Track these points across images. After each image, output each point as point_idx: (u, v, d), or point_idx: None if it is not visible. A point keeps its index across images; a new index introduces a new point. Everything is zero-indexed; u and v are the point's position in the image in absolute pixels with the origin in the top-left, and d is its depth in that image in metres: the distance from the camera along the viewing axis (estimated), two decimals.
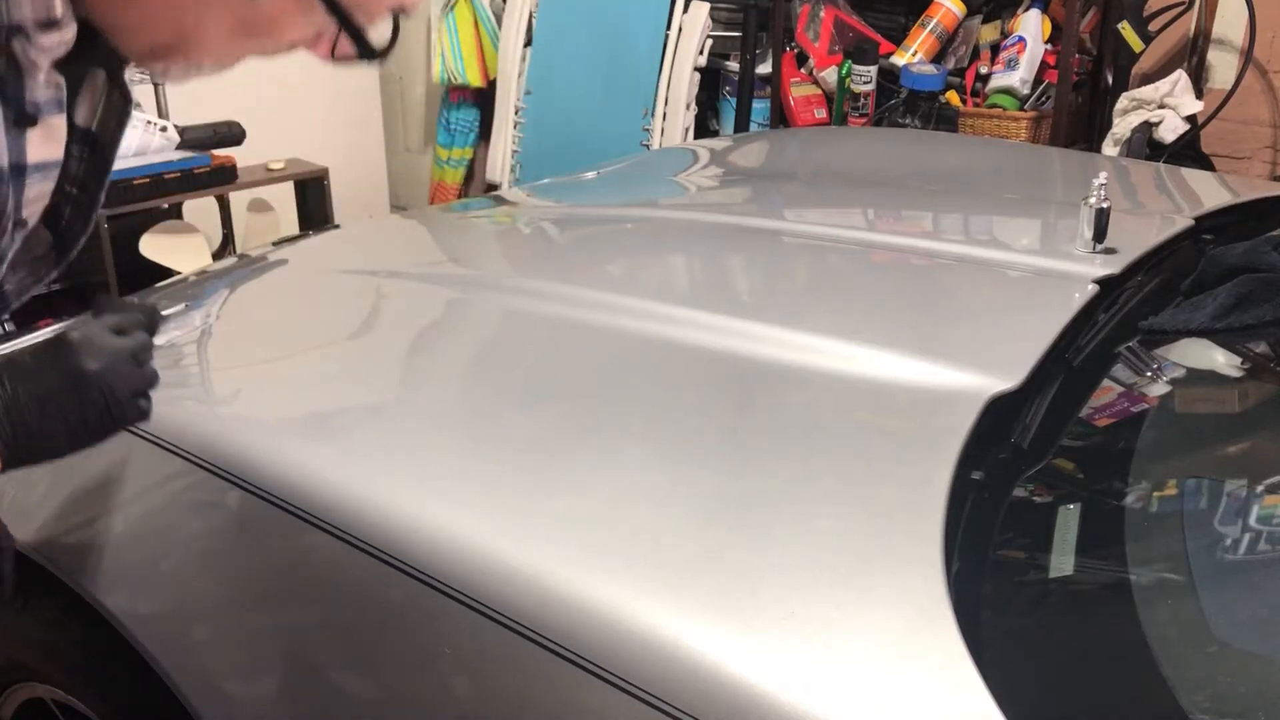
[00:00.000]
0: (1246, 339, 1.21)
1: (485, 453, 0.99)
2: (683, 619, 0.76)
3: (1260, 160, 2.94)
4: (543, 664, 0.78)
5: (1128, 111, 2.82)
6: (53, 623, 1.16)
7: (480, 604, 0.82)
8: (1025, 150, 2.45)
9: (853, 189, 1.83)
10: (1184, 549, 0.92)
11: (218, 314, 1.43)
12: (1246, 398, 1.22)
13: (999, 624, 0.79)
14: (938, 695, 0.69)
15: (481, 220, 1.92)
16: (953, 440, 0.92)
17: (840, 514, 0.86)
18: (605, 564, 0.83)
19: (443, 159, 3.98)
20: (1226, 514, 0.95)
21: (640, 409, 1.04)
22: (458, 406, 1.10)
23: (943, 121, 3.03)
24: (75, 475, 1.17)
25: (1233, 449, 1.14)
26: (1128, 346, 1.17)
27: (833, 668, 0.72)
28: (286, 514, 0.95)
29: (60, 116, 0.75)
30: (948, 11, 3.08)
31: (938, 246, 1.44)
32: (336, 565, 0.91)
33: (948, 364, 1.05)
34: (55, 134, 0.76)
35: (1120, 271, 1.25)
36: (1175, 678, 0.75)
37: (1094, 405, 1.10)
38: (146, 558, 1.08)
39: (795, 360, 1.07)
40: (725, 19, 3.38)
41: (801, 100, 3.32)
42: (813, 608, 0.76)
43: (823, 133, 2.91)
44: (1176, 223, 1.44)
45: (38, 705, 1.25)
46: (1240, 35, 2.82)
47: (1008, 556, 0.90)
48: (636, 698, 0.73)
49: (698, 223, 1.67)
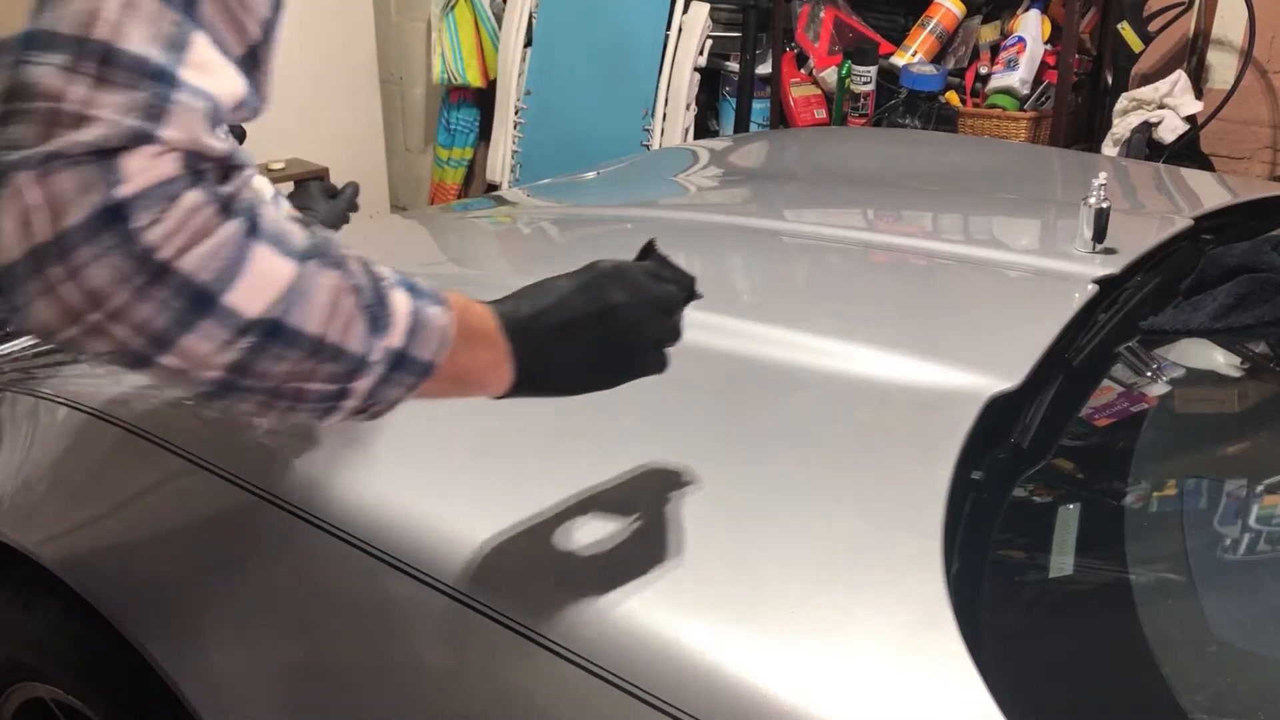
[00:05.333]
0: (1246, 339, 1.21)
1: (483, 453, 0.99)
2: (683, 619, 0.76)
3: (1260, 160, 2.94)
4: (542, 664, 0.78)
5: (1127, 112, 2.83)
6: (53, 623, 1.16)
7: (480, 603, 0.82)
8: (1025, 150, 2.45)
9: (853, 189, 1.83)
10: (1184, 549, 0.92)
11: None
12: (1246, 398, 1.22)
13: (999, 624, 0.79)
14: (938, 695, 0.69)
15: (482, 220, 1.92)
16: (952, 440, 0.92)
17: (840, 514, 0.86)
18: (604, 564, 0.83)
19: (443, 159, 3.98)
20: (1226, 514, 0.95)
21: (639, 408, 1.04)
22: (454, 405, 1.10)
23: (942, 122, 3.03)
24: (76, 476, 1.17)
25: (1233, 449, 1.14)
26: (1128, 346, 1.17)
27: (832, 667, 0.72)
28: (287, 514, 0.95)
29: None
30: (947, 12, 3.08)
31: (937, 246, 1.44)
32: (340, 567, 0.91)
33: (948, 364, 1.05)
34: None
35: (1120, 271, 1.25)
36: (1175, 678, 0.75)
37: (1094, 405, 1.10)
38: (147, 558, 1.08)
39: (795, 360, 1.07)
40: (725, 19, 3.38)
41: (801, 100, 3.32)
42: (812, 607, 0.77)
43: (823, 133, 2.91)
44: (1176, 223, 1.44)
45: (38, 705, 1.25)
46: (1240, 35, 2.82)
47: (1008, 556, 0.90)
48: (636, 698, 0.73)
49: (698, 223, 1.67)
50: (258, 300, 0.60)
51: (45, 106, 0.54)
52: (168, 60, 0.57)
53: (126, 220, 0.55)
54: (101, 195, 0.55)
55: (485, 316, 0.75)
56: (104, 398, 1.18)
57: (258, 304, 0.60)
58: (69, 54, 0.55)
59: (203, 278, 0.57)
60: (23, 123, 0.54)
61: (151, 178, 0.56)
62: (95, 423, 1.14)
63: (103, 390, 1.20)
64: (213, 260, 0.58)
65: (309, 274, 0.62)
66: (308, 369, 0.63)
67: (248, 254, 0.60)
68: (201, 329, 0.58)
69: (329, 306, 0.63)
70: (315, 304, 0.62)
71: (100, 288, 0.56)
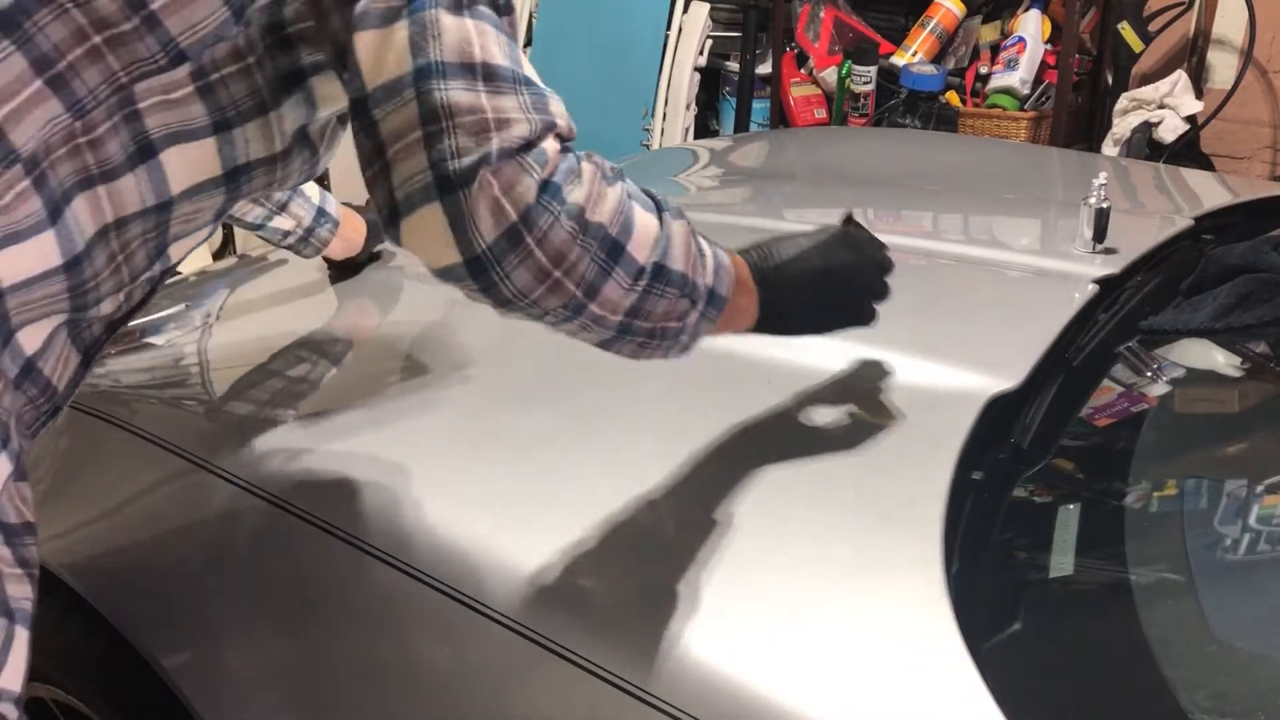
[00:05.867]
0: (1246, 339, 1.21)
1: (483, 453, 0.99)
2: (682, 619, 0.76)
3: (1260, 160, 2.94)
4: (542, 664, 0.78)
5: (1128, 111, 2.83)
6: (54, 624, 1.15)
7: (478, 602, 0.82)
8: (1025, 150, 2.45)
9: (853, 189, 1.83)
10: (1184, 549, 0.92)
11: (218, 314, 1.43)
12: (1246, 398, 1.22)
13: (999, 624, 0.79)
14: (938, 695, 0.69)
15: None
16: (953, 440, 0.92)
17: (840, 514, 0.86)
18: (603, 564, 0.83)
19: None
20: (1226, 514, 0.95)
21: (639, 408, 1.04)
22: (454, 406, 1.10)
23: (943, 122, 3.03)
24: (76, 477, 1.17)
25: (1233, 449, 1.14)
26: (1128, 346, 1.17)
27: (832, 667, 0.72)
28: (287, 515, 0.95)
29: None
30: (948, 12, 3.08)
31: (937, 246, 1.44)
32: (344, 568, 0.91)
33: (948, 364, 1.05)
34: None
35: (1120, 271, 1.25)
36: (1175, 677, 0.75)
37: (1094, 405, 1.10)
38: (148, 559, 1.08)
39: (795, 360, 1.07)
40: (725, 19, 3.38)
41: (801, 100, 3.32)
42: (813, 607, 0.76)
43: (823, 133, 2.91)
44: (1176, 223, 1.44)
45: (38, 705, 1.25)
46: (1240, 35, 2.83)
47: (1008, 556, 0.90)
48: (636, 698, 0.73)
49: (698, 223, 1.66)
50: (644, 247, 0.74)
51: (471, 119, 0.66)
52: (520, 69, 0.70)
53: (560, 190, 0.69)
54: (540, 175, 0.68)
55: (742, 264, 0.87)
56: (102, 399, 1.18)
57: (644, 250, 0.74)
58: (466, 76, 0.67)
59: (613, 231, 0.71)
60: (455, 136, 0.66)
61: (559, 156, 0.69)
62: (95, 423, 1.14)
63: (100, 391, 1.20)
64: (616, 216, 0.72)
65: (668, 223, 0.76)
66: (679, 307, 0.77)
67: (632, 211, 0.74)
68: (615, 276, 0.72)
69: (685, 248, 0.77)
70: (678, 246, 0.77)
71: (561, 245, 0.69)
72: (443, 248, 0.68)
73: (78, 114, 0.69)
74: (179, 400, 1.22)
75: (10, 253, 0.67)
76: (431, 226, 0.67)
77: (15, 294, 0.69)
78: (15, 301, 0.69)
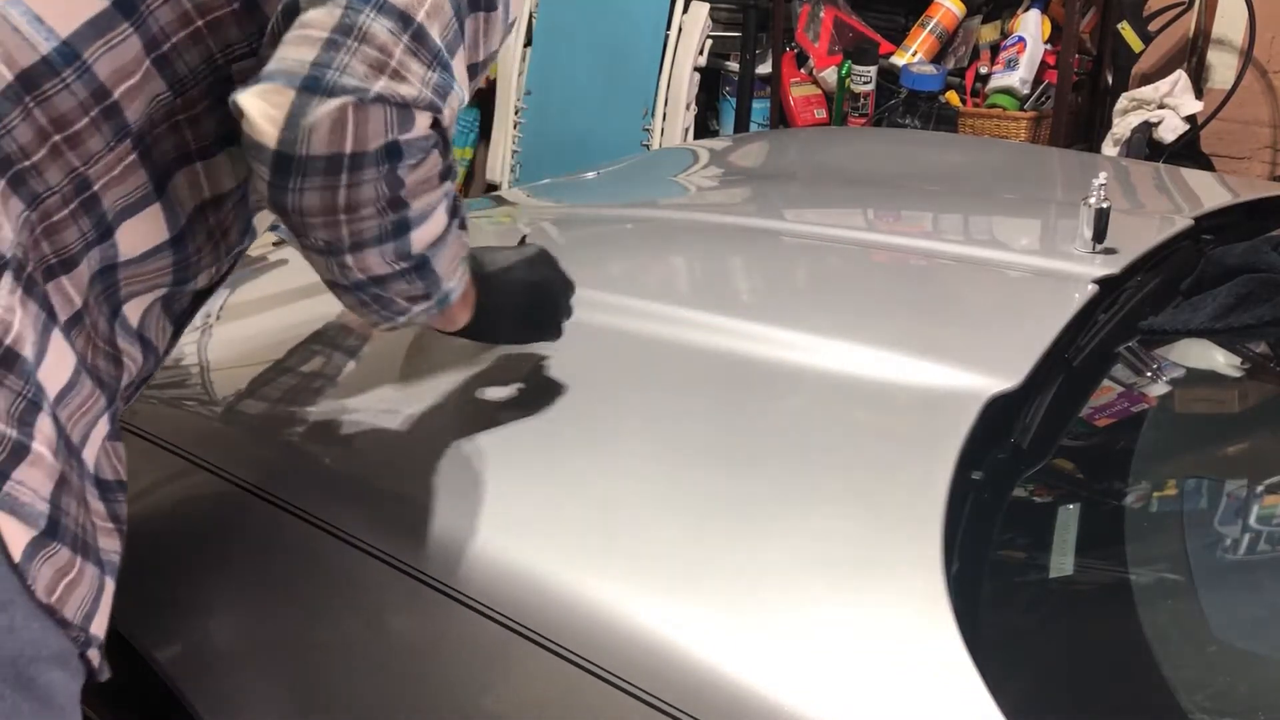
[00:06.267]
0: (1246, 339, 1.21)
1: (483, 454, 0.99)
2: (682, 619, 0.76)
3: (1260, 160, 2.94)
4: (541, 663, 0.78)
5: (1127, 111, 2.82)
6: None
7: (477, 601, 0.82)
8: (1025, 150, 2.45)
9: (853, 189, 1.83)
10: (1184, 549, 0.92)
11: (218, 314, 1.43)
12: (1246, 398, 1.22)
13: (999, 624, 0.79)
14: (938, 695, 0.69)
15: (481, 220, 1.91)
16: (952, 440, 0.92)
17: (840, 514, 0.86)
18: (604, 564, 0.83)
19: None
20: (1226, 514, 0.95)
21: (639, 408, 1.04)
22: (454, 406, 1.10)
23: (942, 122, 3.03)
24: None
25: (1233, 449, 1.14)
26: (1128, 346, 1.17)
27: (832, 667, 0.72)
28: (288, 515, 0.95)
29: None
30: (947, 11, 3.08)
31: (937, 246, 1.44)
32: (347, 570, 0.91)
33: (947, 364, 1.05)
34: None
35: (1120, 271, 1.25)
36: (1175, 677, 0.75)
37: (1094, 405, 1.10)
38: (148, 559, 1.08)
39: (795, 360, 1.07)
40: (725, 19, 3.38)
41: (801, 100, 3.32)
42: (812, 608, 0.77)
43: (823, 133, 2.91)
44: (1176, 223, 1.44)
45: None
46: (1240, 35, 2.83)
47: (1008, 556, 0.90)
48: (636, 697, 0.73)
49: (697, 223, 1.67)
50: (425, 241, 0.76)
51: (375, 55, 0.68)
52: (448, 56, 0.72)
53: (401, 158, 0.70)
54: (394, 135, 0.69)
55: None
56: None
57: (423, 243, 0.76)
58: (397, 23, 0.69)
59: (411, 215, 0.73)
60: (352, 57, 0.68)
61: (422, 133, 0.71)
62: None
63: None
64: (425, 206, 0.74)
65: (453, 230, 0.79)
66: (416, 294, 0.79)
67: (438, 210, 0.76)
68: (385, 249, 0.74)
69: (454, 256, 0.81)
70: (449, 249, 0.79)
71: (364, 201, 0.70)
72: (269, 125, 0.68)
73: (178, 92, 0.75)
74: (179, 400, 1.22)
75: (128, 227, 0.75)
76: (274, 101, 0.68)
77: (129, 267, 0.76)
78: (126, 274, 0.76)
